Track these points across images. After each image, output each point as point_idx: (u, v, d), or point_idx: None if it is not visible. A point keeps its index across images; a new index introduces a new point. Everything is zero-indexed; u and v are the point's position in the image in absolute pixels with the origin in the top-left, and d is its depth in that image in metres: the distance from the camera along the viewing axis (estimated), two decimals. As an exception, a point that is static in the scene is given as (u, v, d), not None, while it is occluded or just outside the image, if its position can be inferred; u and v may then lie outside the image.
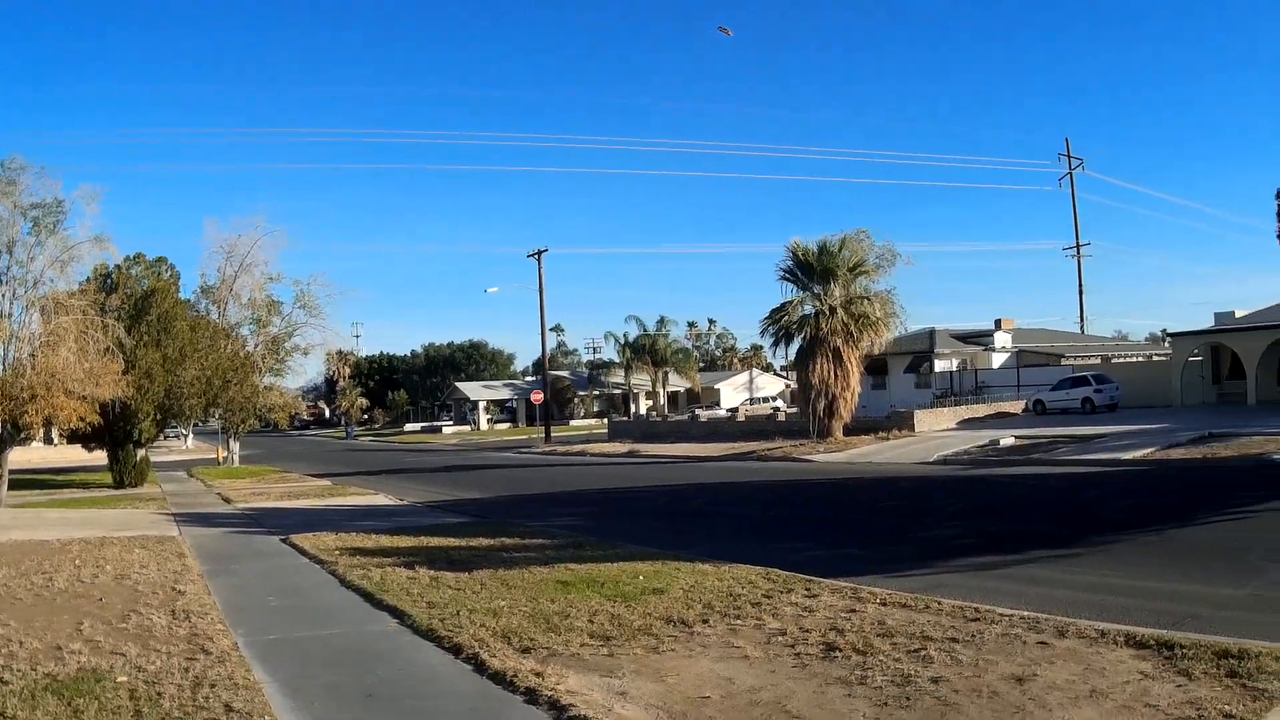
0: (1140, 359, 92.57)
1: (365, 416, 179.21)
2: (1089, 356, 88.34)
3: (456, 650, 14.13)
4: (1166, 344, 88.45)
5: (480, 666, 13.15)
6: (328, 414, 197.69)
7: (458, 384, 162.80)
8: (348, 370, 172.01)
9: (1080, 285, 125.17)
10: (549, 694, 11.67)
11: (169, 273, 62.62)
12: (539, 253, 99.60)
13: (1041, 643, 13.79)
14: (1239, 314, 71.59)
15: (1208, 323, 72.63)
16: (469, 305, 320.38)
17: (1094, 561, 20.74)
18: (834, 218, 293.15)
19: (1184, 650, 12.95)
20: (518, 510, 35.47)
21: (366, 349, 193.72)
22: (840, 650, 13.62)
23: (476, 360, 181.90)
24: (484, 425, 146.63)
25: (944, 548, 23.43)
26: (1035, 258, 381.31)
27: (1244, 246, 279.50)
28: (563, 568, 20.64)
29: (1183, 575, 18.88)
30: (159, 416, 55.79)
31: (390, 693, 12.35)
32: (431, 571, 20.67)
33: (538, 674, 12.49)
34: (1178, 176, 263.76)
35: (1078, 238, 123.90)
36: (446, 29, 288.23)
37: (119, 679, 12.84)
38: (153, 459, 62.32)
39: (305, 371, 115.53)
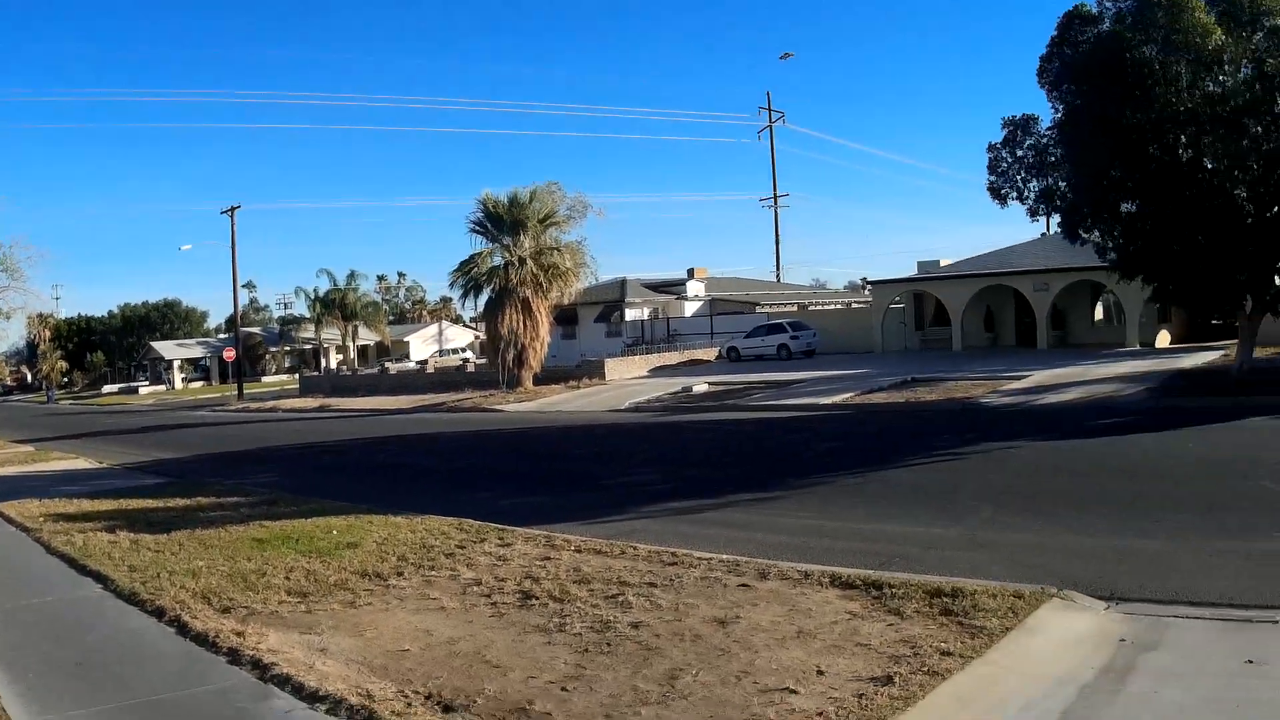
0: (839, 306, 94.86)
1: (65, 379, 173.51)
2: (785, 304, 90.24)
3: (160, 613, 14.06)
4: (867, 292, 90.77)
5: (183, 629, 13.14)
6: (30, 379, 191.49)
7: (153, 344, 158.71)
8: (48, 333, 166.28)
9: (777, 235, 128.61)
10: (251, 653, 11.68)
11: (-121, 240, 59.66)
12: (232, 209, 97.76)
13: (743, 585, 13.91)
14: (944, 263, 73.99)
15: (911, 272, 74.53)
16: (165, 264, 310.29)
17: (794, 504, 21.06)
18: (532, 171, 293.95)
19: (894, 589, 13.18)
20: (213, 469, 34.86)
21: (66, 311, 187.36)
22: (537, 598, 13.72)
23: (171, 319, 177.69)
24: (179, 384, 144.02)
25: (639, 493, 23.59)
26: (734, 209, 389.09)
27: (953, 200, 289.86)
28: (258, 525, 20.56)
29: (888, 516, 19.30)
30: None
31: (100, 659, 12.23)
32: (132, 534, 20.44)
33: (239, 634, 12.48)
34: (889, 131, 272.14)
35: (775, 189, 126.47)
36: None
37: None
38: None
39: (8, 336, 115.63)
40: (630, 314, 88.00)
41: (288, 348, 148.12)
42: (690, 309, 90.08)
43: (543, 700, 10.10)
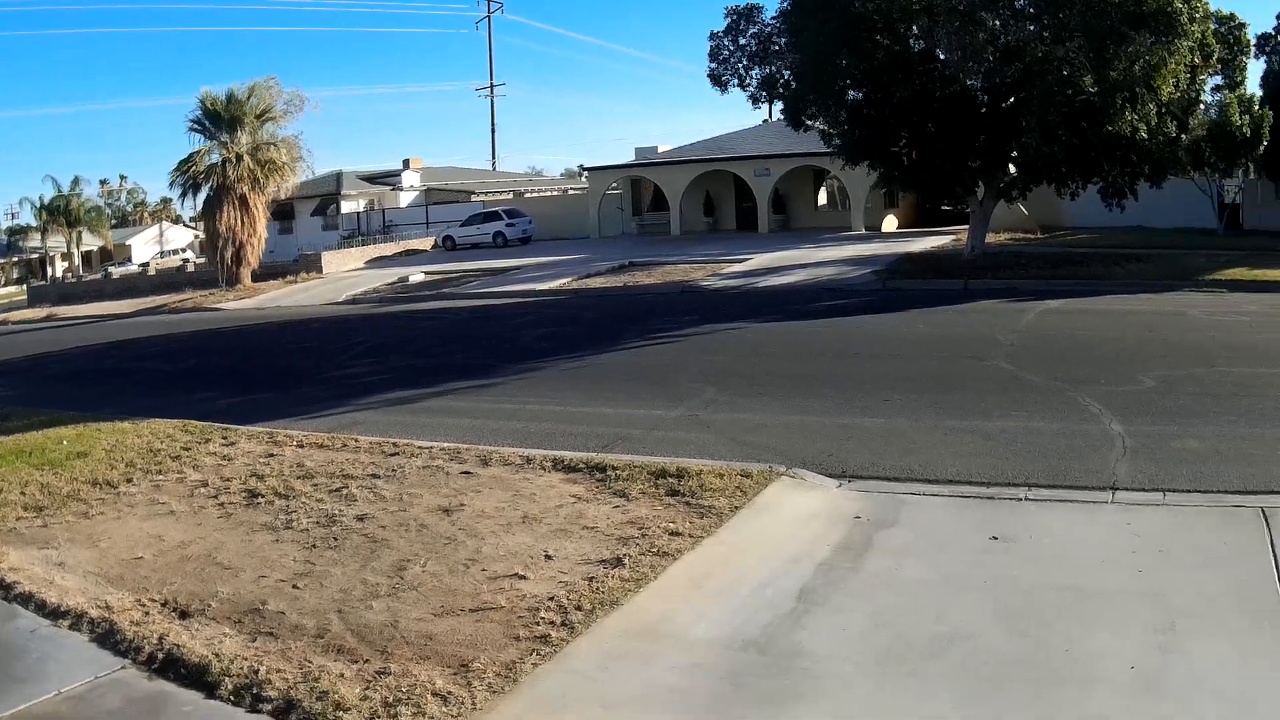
0: (556, 194, 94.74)
1: None
2: (502, 192, 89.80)
3: (-96, 538, 13.66)
4: (584, 179, 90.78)
5: (-72, 554, 12.77)
6: None
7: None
8: None
9: (493, 124, 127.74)
10: (-7, 573, 11.35)
11: None
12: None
13: (466, 472, 13.86)
14: (663, 149, 74.15)
15: (630, 159, 74.61)
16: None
17: (514, 390, 21.19)
18: (252, 67, 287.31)
19: (618, 471, 13.23)
20: (-54, 388, 33.31)
21: None
22: (263, 496, 13.50)
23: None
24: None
25: (359, 386, 23.37)
26: (451, 99, 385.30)
27: (674, 89, 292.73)
28: (-9, 441, 19.96)
29: (609, 399, 19.43)
30: None
31: None
32: None
33: (-19, 554, 12.12)
34: (609, 20, 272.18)
35: (491, 78, 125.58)
36: None
37: None
38: None
39: None
40: (346, 206, 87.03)
41: (15, 258, 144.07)
42: (406, 199, 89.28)
43: (275, 599, 9.93)
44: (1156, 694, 7.50)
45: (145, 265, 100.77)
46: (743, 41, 39.13)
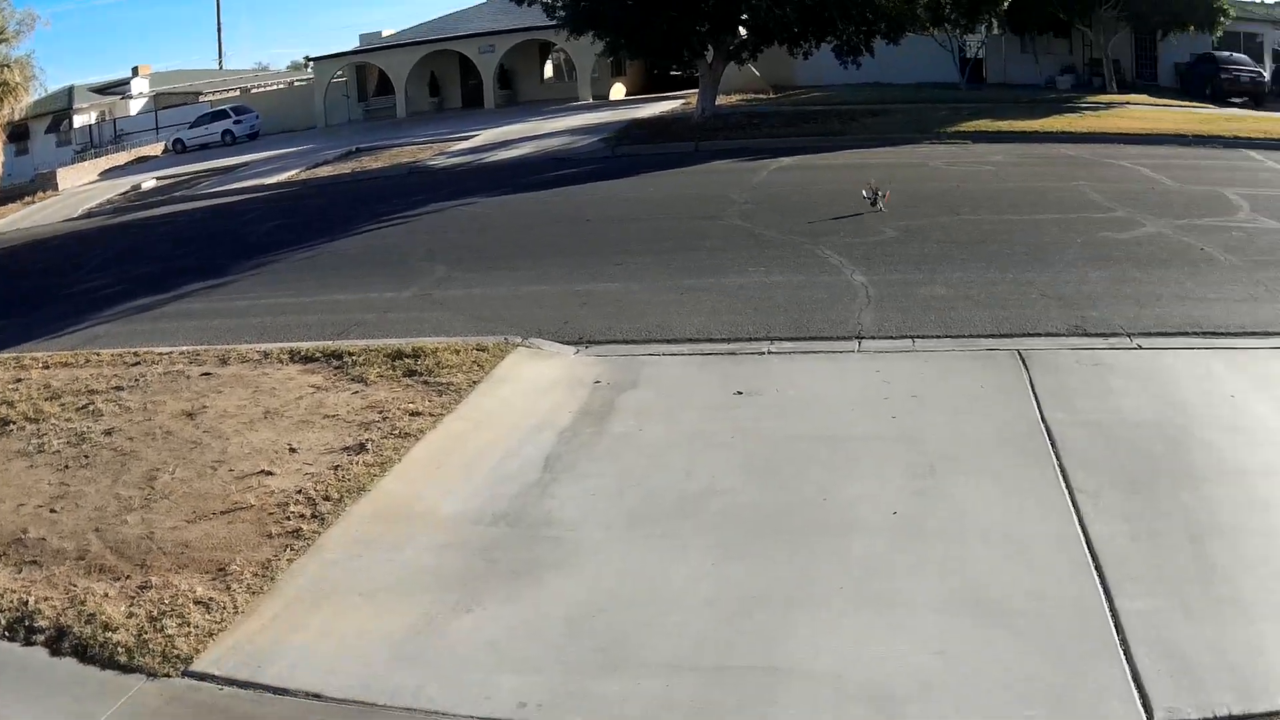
0: (282, 87, 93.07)
1: None
2: (229, 91, 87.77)
3: None
4: (309, 70, 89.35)
5: None
6: None
7: None
8: None
9: (219, 24, 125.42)
10: None
11: None
12: None
13: (205, 374, 13.62)
14: (387, 34, 73.03)
15: (355, 46, 73.63)
16: None
17: (247, 286, 20.80)
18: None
19: (354, 357, 13.19)
20: None
21: None
22: (14, 423, 12.98)
23: None
24: None
25: (100, 299, 22.50)
26: (178, 4, 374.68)
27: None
28: None
29: (342, 286, 19.21)
30: None
31: None
32: None
33: None
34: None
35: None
36: None
37: None
38: None
39: None
40: (79, 120, 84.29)
41: None
42: (136, 107, 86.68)
43: (35, 526, 9.66)
44: (921, 537, 7.66)
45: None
46: (462, -86, 38.58)
